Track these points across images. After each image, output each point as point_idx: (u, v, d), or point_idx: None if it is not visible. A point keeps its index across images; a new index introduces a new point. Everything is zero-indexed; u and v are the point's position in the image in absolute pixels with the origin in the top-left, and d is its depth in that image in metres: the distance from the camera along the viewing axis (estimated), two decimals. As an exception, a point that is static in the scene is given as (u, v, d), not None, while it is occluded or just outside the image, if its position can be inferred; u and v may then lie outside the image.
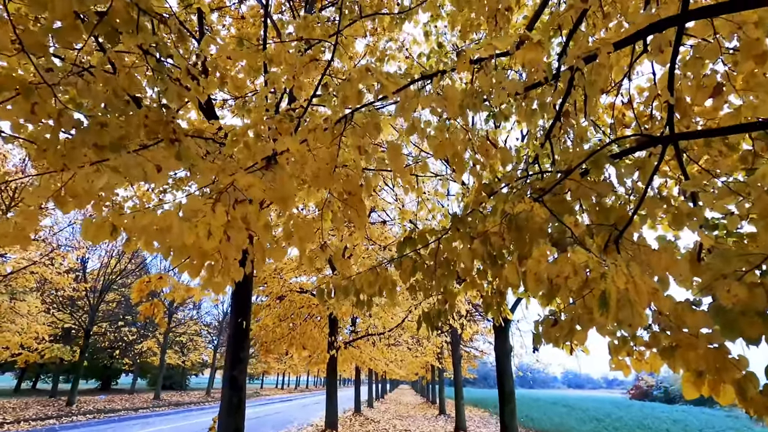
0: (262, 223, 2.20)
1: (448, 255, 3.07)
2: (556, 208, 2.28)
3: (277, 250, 2.69)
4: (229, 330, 4.84)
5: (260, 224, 2.20)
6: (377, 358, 13.53)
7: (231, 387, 4.56)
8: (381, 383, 38.96)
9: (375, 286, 2.85)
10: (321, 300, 2.71)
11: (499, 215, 2.09)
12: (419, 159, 5.23)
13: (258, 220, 2.19)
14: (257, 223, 2.20)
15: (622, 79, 4.13)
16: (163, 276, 6.09)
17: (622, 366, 2.67)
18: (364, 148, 2.83)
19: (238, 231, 2.04)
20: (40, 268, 13.73)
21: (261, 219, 2.19)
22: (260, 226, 2.21)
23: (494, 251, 2.55)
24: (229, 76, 3.99)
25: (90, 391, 30.82)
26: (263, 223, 2.21)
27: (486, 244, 2.30)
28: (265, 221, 2.21)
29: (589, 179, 2.44)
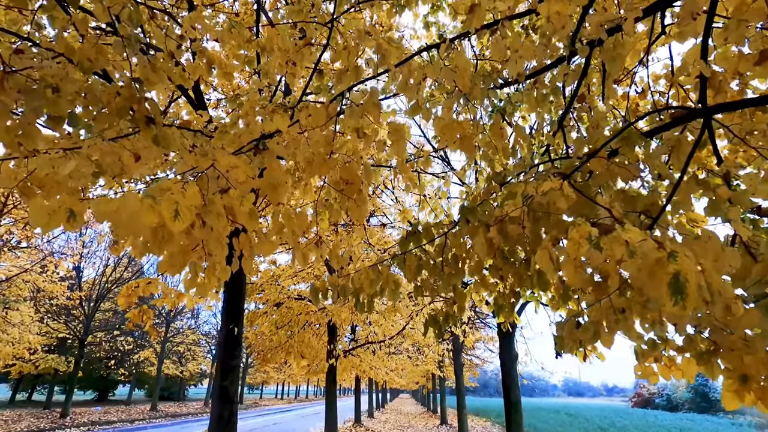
0: (246, 210, 1.92)
1: (456, 251, 2.80)
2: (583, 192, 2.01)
3: (266, 243, 2.40)
4: (220, 337, 4.53)
5: (244, 211, 1.91)
6: (377, 366, 13.15)
7: (221, 399, 4.24)
8: (381, 392, 38.38)
9: (376, 286, 2.55)
10: (316, 301, 2.42)
11: (519, 198, 1.80)
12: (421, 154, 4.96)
13: (242, 206, 1.90)
14: (241, 209, 1.91)
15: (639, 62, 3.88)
16: (153, 281, 5.77)
17: (648, 373, 2.39)
18: (363, 130, 2.55)
19: (217, 217, 1.76)
20: (32, 276, 13.37)
21: (245, 204, 1.91)
22: (244, 212, 1.93)
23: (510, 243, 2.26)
24: (217, 59, 3.73)
25: (86, 403, 30.25)
26: (248, 210, 1.92)
27: (503, 233, 2.01)
28: (250, 208, 1.93)
29: (617, 161, 2.16)
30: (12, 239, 14.87)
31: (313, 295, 2.40)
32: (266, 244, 2.41)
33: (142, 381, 35.41)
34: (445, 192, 5.12)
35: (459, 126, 2.41)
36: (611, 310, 2.40)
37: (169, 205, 1.38)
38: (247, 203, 1.94)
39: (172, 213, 1.38)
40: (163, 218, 1.37)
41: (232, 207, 1.94)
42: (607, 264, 1.28)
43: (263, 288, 9.77)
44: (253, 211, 1.98)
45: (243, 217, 1.94)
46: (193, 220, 1.58)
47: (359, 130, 2.56)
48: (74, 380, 19.80)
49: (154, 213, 1.34)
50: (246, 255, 2.64)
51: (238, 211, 1.92)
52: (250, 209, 1.96)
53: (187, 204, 1.45)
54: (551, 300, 3.80)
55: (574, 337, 2.40)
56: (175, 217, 1.40)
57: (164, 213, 1.36)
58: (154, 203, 1.34)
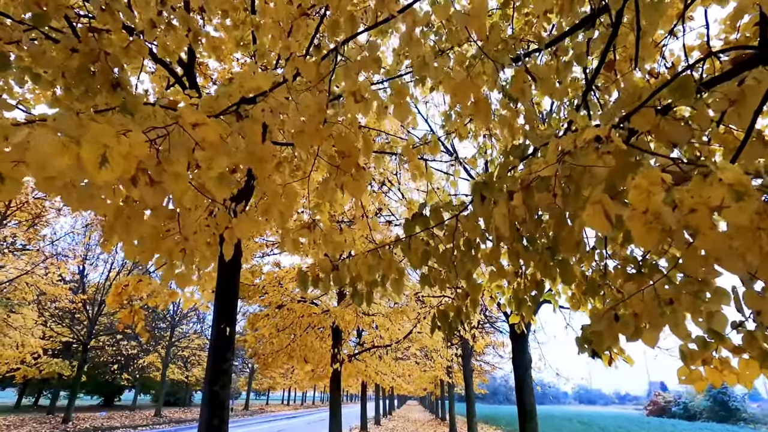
0: (215, 174, 1.57)
1: (469, 235, 2.43)
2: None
3: (246, 221, 2.06)
4: (211, 338, 4.18)
5: (212, 175, 1.56)
6: (384, 372, 12.72)
7: (211, 405, 3.88)
8: (388, 399, 37.78)
9: (375, 273, 2.19)
10: (303, 289, 2.06)
11: (552, 153, 1.44)
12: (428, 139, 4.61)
13: (208, 168, 1.55)
14: (208, 173, 1.56)
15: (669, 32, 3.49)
16: (143, 279, 5.44)
17: (694, 378, 2.00)
18: (360, 93, 2.20)
19: (175, 178, 1.41)
20: (34, 279, 13.17)
21: (214, 168, 1.56)
22: (212, 177, 1.58)
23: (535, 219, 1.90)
24: (203, 33, 3.41)
25: (91, 408, 30.07)
26: (217, 174, 1.57)
27: (529, 202, 1.64)
28: (220, 171, 1.58)
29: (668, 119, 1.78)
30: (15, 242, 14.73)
31: (301, 282, 2.04)
32: (246, 222, 2.07)
33: (148, 386, 35.17)
34: (455, 182, 4.75)
35: (473, 86, 2.05)
36: (655, 302, 2.03)
37: (93, 148, 1.03)
38: (216, 166, 1.59)
39: (96, 158, 1.04)
40: (83, 164, 1.02)
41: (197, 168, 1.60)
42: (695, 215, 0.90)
43: (266, 290, 9.44)
44: (224, 177, 1.63)
45: (211, 182, 1.60)
46: (132, 174, 1.23)
47: (356, 93, 2.22)
48: (77, 385, 19.56)
49: (68, 154, 0.99)
50: (226, 238, 2.30)
51: (205, 175, 1.58)
52: (220, 174, 1.61)
53: (121, 151, 1.10)
54: (571, 298, 3.41)
55: (613, 332, 2.02)
56: (102, 165, 1.05)
57: (85, 156, 1.01)
58: (69, 141, 1.00)
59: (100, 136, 1.04)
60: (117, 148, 1.08)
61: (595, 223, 1.07)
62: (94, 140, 1.02)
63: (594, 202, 1.06)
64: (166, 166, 1.41)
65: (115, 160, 1.07)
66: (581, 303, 3.19)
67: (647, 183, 0.94)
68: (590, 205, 1.07)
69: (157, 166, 1.41)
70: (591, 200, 1.07)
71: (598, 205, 1.06)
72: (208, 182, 1.59)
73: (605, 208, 1.04)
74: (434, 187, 5.85)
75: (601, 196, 1.06)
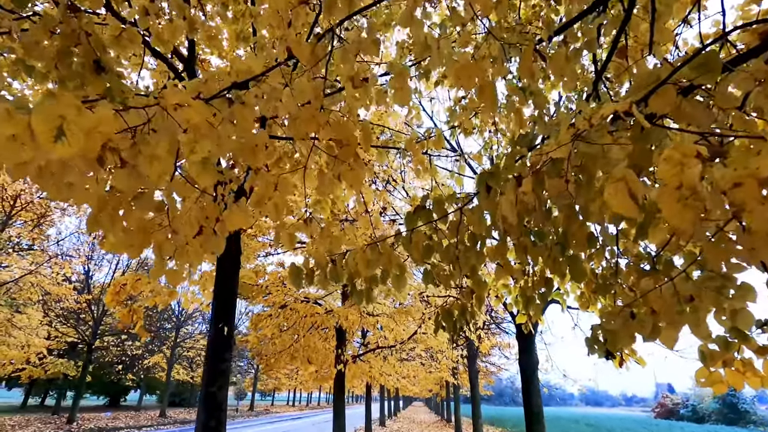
0: (197, 158, 1.45)
1: (474, 229, 2.30)
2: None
3: (237, 213, 1.94)
4: (209, 337, 4.08)
5: (195, 159, 1.45)
6: (388, 373, 12.58)
7: (207, 406, 3.77)
8: (394, 400, 37.60)
9: (374, 268, 2.06)
10: (296, 285, 1.94)
11: (565, 133, 1.30)
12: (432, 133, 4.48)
13: (191, 152, 1.43)
14: (191, 157, 1.45)
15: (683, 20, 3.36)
16: (142, 277, 5.34)
17: (714, 380, 1.86)
18: (359, 77, 2.08)
19: (150, 161, 1.29)
20: (37, 278, 13.16)
21: (197, 152, 1.44)
22: (195, 163, 1.46)
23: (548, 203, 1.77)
24: (199, 21, 3.30)
25: (97, 408, 30.15)
26: (200, 159, 1.46)
27: (538, 190, 1.51)
28: (203, 156, 1.46)
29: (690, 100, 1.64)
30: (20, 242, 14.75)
31: (293, 278, 1.92)
32: (237, 214, 1.95)
33: (153, 386, 35.22)
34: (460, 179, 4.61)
35: (478, 69, 1.92)
36: (675, 299, 1.88)
37: (47, 118, 0.91)
38: (199, 151, 1.47)
39: (50, 130, 0.92)
40: (35, 136, 0.90)
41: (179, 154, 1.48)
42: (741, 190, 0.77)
43: (270, 290, 9.34)
44: (209, 163, 1.51)
45: (194, 168, 1.48)
46: (96, 153, 1.12)
47: (354, 78, 2.10)
48: (82, 385, 19.58)
49: (15, 123, 0.88)
50: (218, 231, 2.18)
51: (188, 160, 1.46)
52: (204, 159, 1.49)
53: (82, 125, 0.98)
54: (580, 297, 3.27)
55: (629, 331, 1.88)
56: (58, 138, 0.93)
57: (36, 127, 0.89)
58: (15, 109, 0.88)
59: (55, 106, 0.93)
60: (76, 120, 0.96)
61: (618, 204, 0.93)
62: (47, 110, 0.90)
63: (617, 180, 0.93)
64: (143, 148, 1.30)
65: (74, 134, 0.95)
66: (591, 302, 3.05)
67: (680, 155, 0.81)
68: (612, 184, 0.94)
69: (131, 148, 1.29)
70: (613, 178, 0.94)
71: (621, 183, 0.92)
72: (191, 168, 1.48)
73: (630, 186, 0.91)
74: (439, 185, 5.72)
75: (625, 172, 0.93)
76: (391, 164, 8.10)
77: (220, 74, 1.92)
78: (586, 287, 2.99)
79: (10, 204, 13.69)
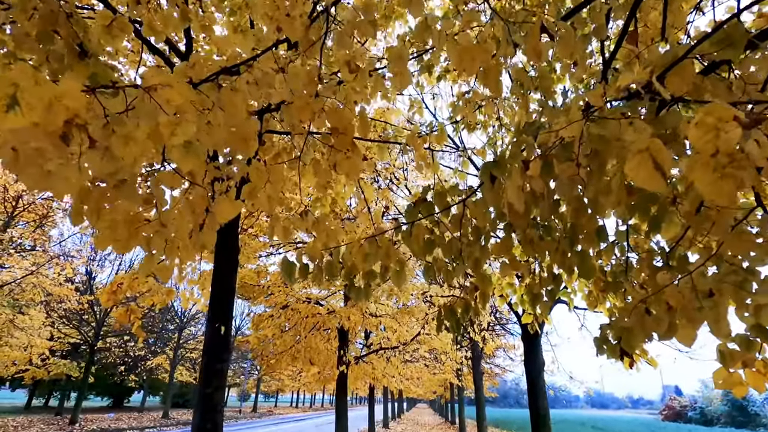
0: (178, 141, 1.34)
1: (478, 222, 2.19)
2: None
3: (225, 202, 1.83)
4: (205, 337, 3.98)
5: (176, 142, 1.34)
6: (392, 374, 12.46)
7: (203, 408, 3.67)
8: (397, 402, 37.43)
9: (372, 262, 1.95)
10: (288, 279, 1.83)
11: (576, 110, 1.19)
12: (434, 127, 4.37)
13: (172, 135, 1.33)
14: (172, 139, 1.34)
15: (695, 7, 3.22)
16: (139, 277, 5.25)
17: (733, 382, 1.74)
18: (355, 62, 1.97)
19: (124, 142, 1.19)
20: (38, 279, 13.13)
21: (178, 134, 1.34)
22: (176, 146, 1.36)
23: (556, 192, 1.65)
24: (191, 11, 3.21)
25: (101, 409, 30.17)
26: (181, 142, 1.35)
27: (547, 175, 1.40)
28: (185, 138, 1.35)
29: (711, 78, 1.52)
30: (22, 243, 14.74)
31: (285, 273, 1.81)
32: (227, 205, 1.84)
33: (157, 387, 35.21)
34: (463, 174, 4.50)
35: (481, 50, 1.81)
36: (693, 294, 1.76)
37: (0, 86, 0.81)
38: (182, 132, 1.36)
39: (3, 98, 0.81)
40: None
41: (160, 136, 1.37)
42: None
43: (271, 291, 9.26)
44: (192, 148, 1.41)
45: (175, 152, 1.37)
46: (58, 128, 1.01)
47: (351, 62, 1.99)
48: (85, 386, 19.55)
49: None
50: (207, 224, 2.08)
51: (168, 143, 1.35)
52: (186, 143, 1.39)
53: (40, 95, 0.88)
54: (588, 296, 3.15)
55: (645, 328, 1.76)
56: (10, 107, 0.83)
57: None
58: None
59: (9, 74, 0.82)
60: (32, 90, 0.86)
61: (642, 178, 0.82)
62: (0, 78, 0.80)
63: (640, 151, 0.81)
64: (117, 128, 1.19)
65: (28, 104, 0.85)
66: (599, 301, 2.93)
67: (714, 119, 0.69)
68: (635, 156, 0.82)
69: (104, 128, 1.19)
70: (635, 148, 0.82)
71: (645, 154, 0.81)
72: (173, 152, 1.37)
73: (655, 157, 0.79)
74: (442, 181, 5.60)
75: (650, 142, 0.81)
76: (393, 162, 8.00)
77: (208, 58, 1.82)
78: (594, 285, 2.87)
79: (12, 205, 13.67)
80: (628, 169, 0.83)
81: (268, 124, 3.97)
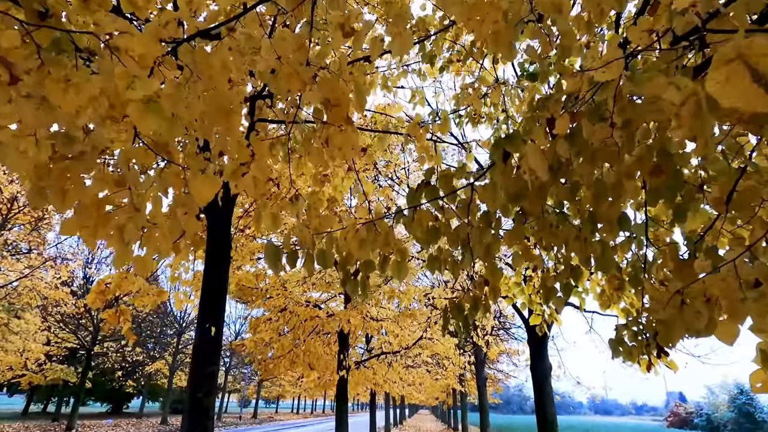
0: (138, 95, 1.12)
1: (488, 206, 1.97)
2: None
3: (200, 179, 1.61)
4: (195, 339, 3.75)
5: (135, 97, 1.12)
6: (393, 380, 12.17)
7: (193, 414, 3.43)
8: (399, 408, 37.00)
9: (370, 250, 1.73)
10: (273, 266, 1.60)
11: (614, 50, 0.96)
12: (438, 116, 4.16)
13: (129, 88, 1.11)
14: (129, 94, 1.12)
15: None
16: (128, 276, 5.03)
17: None
18: (350, 24, 1.76)
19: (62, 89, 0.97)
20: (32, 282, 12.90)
21: (138, 86, 1.12)
22: (134, 101, 1.14)
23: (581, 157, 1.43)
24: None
25: (98, 415, 29.84)
26: (142, 96, 1.13)
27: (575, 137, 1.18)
28: (146, 92, 1.13)
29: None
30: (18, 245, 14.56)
31: (270, 260, 1.58)
32: (203, 182, 1.62)
33: (156, 393, 34.85)
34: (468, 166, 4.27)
35: (491, 6, 1.59)
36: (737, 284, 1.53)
37: None
38: (140, 86, 1.14)
39: None
40: None
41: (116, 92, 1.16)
42: None
43: (270, 294, 9.03)
44: (153, 106, 1.19)
45: (134, 109, 1.15)
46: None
47: (345, 24, 1.77)
48: (81, 392, 19.27)
49: None
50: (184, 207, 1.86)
51: (125, 99, 1.13)
52: (147, 98, 1.16)
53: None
54: (600, 296, 2.92)
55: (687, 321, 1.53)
56: None
57: None
58: None
59: None
60: None
61: (735, 95, 0.59)
62: None
63: (730, 59, 0.59)
64: (53, 69, 0.98)
65: None
66: (612, 301, 2.70)
67: None
68: (722, 68, 0.60)
69: (38, 69, 0.97)
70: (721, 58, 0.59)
71: (738, 63, 0.58)
72: (130, 110, 1.15)
73: (755, 65, 0.57)
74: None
75: (741, 47, 0.58)
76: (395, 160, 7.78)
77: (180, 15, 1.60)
78: (608, 284, 2.65)
79: (7, 207, 13.48)
80: (711, 85, 0.60)
81: (261, 112, 3.76)
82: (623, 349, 2.45)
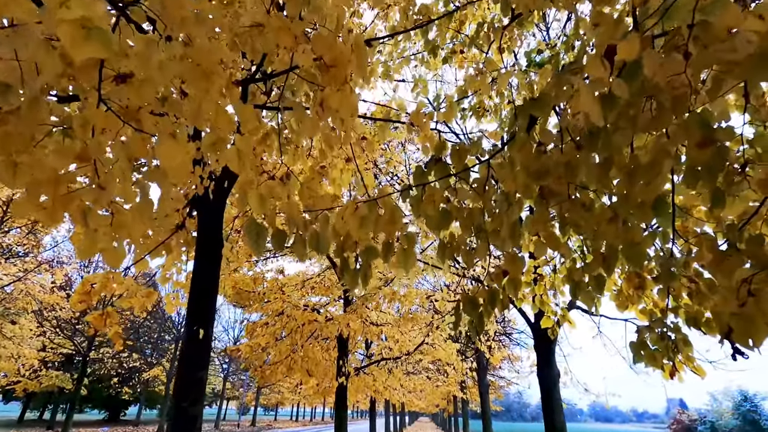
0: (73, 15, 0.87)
1: (505, 186, 1.72)
2: None
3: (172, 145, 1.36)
4: (181, 342, 3.48)
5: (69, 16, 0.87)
6: (393, 387, 11.86)
7: (178, 424, 3.15)
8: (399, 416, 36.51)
9: (370, 230, 1.47)
10: (256, 247, 1.34)
11: None
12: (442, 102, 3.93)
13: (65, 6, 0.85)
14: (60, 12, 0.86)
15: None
16: (115, 276, 4.76)
17: None
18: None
19: None
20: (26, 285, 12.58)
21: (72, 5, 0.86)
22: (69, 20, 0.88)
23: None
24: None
25: (95, 423, 29.36)
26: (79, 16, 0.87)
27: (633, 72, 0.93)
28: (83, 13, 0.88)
29: None
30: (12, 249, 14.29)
31: (251, 238, 1.32)
32: (171, 146, 1.36)
33: (154, 400, 34.31)
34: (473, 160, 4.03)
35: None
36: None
37: None
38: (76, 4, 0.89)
39: None
40: None
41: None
42: None
43: (268, 298, 8.77)
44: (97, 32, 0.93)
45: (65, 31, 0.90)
46: None
47: (343, -31, 1.53)
48: (76, 399, 18.87)
49: None
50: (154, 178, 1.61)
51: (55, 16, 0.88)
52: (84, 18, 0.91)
53: None
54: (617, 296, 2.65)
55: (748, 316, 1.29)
56: None
57: None
58: None
59: None
60: None
61: None
62: None
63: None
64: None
65: None
66: (630, 302, 2.44)
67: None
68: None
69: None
70: None
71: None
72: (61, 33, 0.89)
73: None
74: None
75: None
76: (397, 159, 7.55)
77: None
78: (627, 282, 2.39)
79: (2, 210, 13.24)
80: None
81: (254, 98, 3.51)
82: (645, 353, 2.20)
